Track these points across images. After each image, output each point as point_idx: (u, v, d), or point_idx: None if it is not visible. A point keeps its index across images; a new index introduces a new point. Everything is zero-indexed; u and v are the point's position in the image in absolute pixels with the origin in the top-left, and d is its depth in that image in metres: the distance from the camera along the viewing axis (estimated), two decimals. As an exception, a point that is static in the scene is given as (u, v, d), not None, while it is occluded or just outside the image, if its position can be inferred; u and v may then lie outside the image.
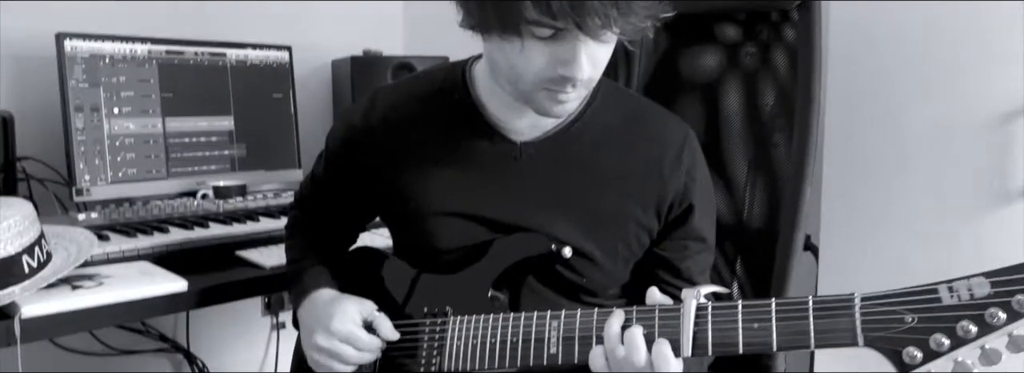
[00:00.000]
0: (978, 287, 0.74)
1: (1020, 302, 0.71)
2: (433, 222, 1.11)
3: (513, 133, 1.09)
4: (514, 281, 1.10)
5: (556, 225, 1.08)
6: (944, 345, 0.74)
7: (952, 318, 0.74)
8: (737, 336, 0.85)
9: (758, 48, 1.40)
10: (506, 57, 0.95)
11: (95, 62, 1.69)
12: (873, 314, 0.77)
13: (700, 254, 1.14)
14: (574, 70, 0.91)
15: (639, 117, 1.14)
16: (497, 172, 1.09)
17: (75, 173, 1.67)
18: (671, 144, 1.11)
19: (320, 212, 1.27)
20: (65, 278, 1.21)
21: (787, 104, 1.34)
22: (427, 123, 1.12)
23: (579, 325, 0.95)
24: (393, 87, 1.19)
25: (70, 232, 1.33)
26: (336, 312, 1.06)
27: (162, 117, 1.80)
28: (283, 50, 1.99)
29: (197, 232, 1.49)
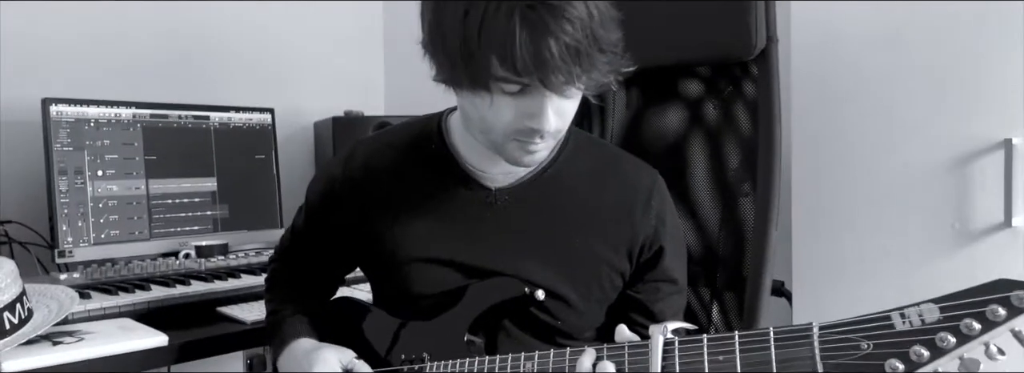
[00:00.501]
0: (928, 313, 0.76)
1: (969, 326, 0.74)
2: (411, 268, 1.13)
3: (488, 180, 1.12)
4: (490, 325, 1.11)
5: (531, 269, 1.10)
6: (898, 369, 0.76)
7: (905, 343, 0.76)
8: (703, 368, 0.86)
9: (720, 102, 1.46)
10: (477, 110, 0.99)
11: (80, 126, 1.73)
12: (831, 342, 0.80)
13: (672, 296, 1.17)
14: (541, 122, 0.96)
15: (609, 163, 1.18)
16: (473, 218, 1.12)
17: (58, 235, 1.68)
18: (641, 189, 1.15)
19: (300, 263, 1.29)
20: (46, 334, 1.22)
21: (751, 155, 1.38)
22: (405, 172, 1.15)
23: (553, 365, 0.97)
24: (372, 139, 1.23)
25: (51, 290, 1.34)
26: (317, 360, 1.07)
27: (146, 179, 1.83)
28: (266, 112, 2.04)
29: (178, 289, 1.50)
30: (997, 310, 0.73)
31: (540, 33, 0.88)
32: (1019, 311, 0.72)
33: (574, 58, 0.89)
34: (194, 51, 2.10)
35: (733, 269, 1.43)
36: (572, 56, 0.89)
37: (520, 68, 0.89)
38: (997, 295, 0.73)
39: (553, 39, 0.88)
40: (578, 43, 0.89)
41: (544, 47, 0.88)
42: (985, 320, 0.73)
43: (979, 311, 0.73)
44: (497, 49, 0.89)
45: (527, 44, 0.88)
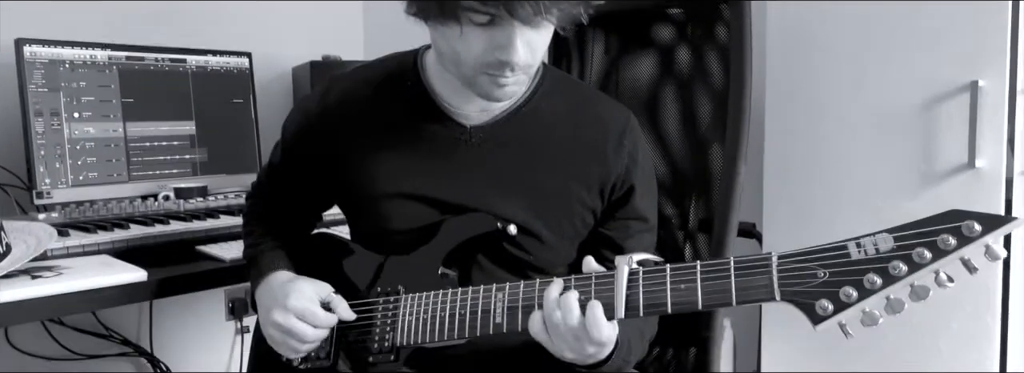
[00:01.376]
0: (883, 242, 0.79)
1: (920, 254, 0.77)
2: (386, 204, 1.15)
3: (463, 117, 1.13)
4: (464, 259, 1.14)
5: (504, 205, 1.12)
6: (852, 296, 0.79)
7: (859, 271, 0.79)
8: (665, 297, 0.89)
9: (693, 47, 1.47)
10: (448, 42, 1.00)
11: (55, 68, 1.72)
12: (788, 271, 0.82)
13: (642, 233, 1.19)
14: (510, 54, 0.96)
15: (584, 102, 1.19)
16: (448, 155, 1.14)
17: (35, 176, 1.69)
18: (614, 128, 1.17)
19: (277, 199, 1.30)
20: (25, 269, 1.24)
21: (723, 102, 1.40)
22: (380, 108, 1.16)
23: (522, 295, 0.99)
24: (348, 74, 1.23)
25: (30, 227, 1.35)
26: (292, 291, 1.09)
27: (123, 121, 1.83)
28: (243, 56, 2.03)
29: (157, 228, 1.52)
30: (948, 239, 0.76)
31: None
32: (969, 240, 0.75)
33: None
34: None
35: (704, 211, 1.47)
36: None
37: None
38: (948, 225, 0.76)
39: None
40: None
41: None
42: (936, 249, 0.76)
43: (931, 240, 0.76)
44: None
45: None
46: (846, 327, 0.80)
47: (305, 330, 1.08)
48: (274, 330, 1.10)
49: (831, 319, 0.80)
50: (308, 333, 1.08)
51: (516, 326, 0.98)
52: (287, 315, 1.08)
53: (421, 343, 1.06)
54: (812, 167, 1.58)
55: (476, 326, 1.02)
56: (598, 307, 0.91)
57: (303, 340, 1.09)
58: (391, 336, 1.09)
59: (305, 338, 1.08)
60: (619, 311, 0.91)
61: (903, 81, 1.44)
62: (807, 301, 0.81)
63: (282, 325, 1.08)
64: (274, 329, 1.10)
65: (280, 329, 1.08)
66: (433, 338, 1.05)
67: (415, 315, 1.07)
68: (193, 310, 2.16)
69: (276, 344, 1.12)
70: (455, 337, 1.04)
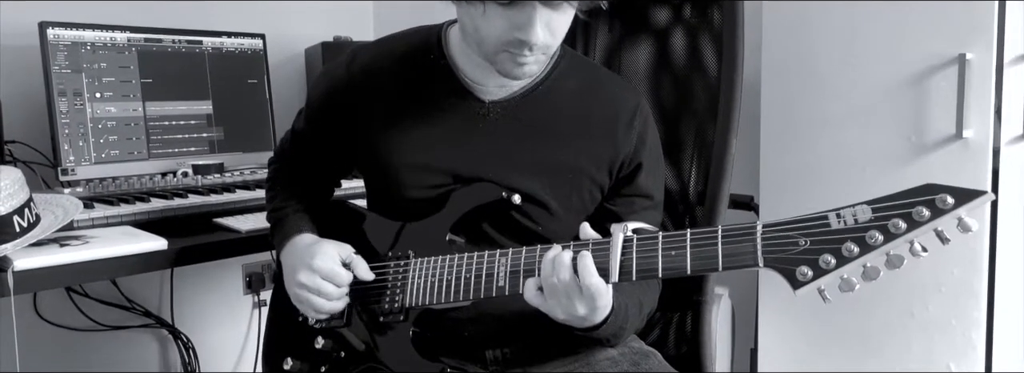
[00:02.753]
0: (861, 213, 0.84)
1: (896, 225, 0.82)
2: (404, 173, 1.20)
3: (483, 93, 1.18)
4: (471, 227, 1.19)
5: (517, 177, 1.17)
6: (830, 263, 0.84)
7: (839, 240, 0.84)
8: (657, 262, 0.95)
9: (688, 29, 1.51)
10: (471, 20, 1.05)
11: (77, 49, 1.78)
12: (772, 239, 0.88)
13: (647, 210, 1.24)
14: (529, 34, 1.01)
15: (598, 83, 1.24)
16: (466, 128, 1.19)
17: (60, 154, 1.76)
18: (625, 109, 1.21)
19: (300, 164, 1.35)
20: (53, 238, 1.31)
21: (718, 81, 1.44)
22: (403, 79, 1.21)
23: (524, 260, 1.05)
24: (373, 44, 1.27)
25: (57, 199, 1.42)
26: (318, 252, 1.15)
27: (143, 101, 1.89)
28: (257, 38, 2.09)
29: (176, 201, 1.59)
30: (922, 211, 0.80)
31: None
32: (942, 212, 0.80)
33: None
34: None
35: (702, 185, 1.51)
36: None
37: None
38: (923, 198, 0.81)
39: None
40: None
41: None
42: (911, 220, 0.81)
43: (906, 212, 0.81)
44: None
45: None
46: (825, 293, 0.85)
47: (330, 289, 1.13)
48: (299, 290, 1.15)
49: (810, 284, 0.85)
50: (332, 292, 1.13)
51: (517, 289, 1.04)
52: (312, 275, 1.13)
53: (428, 304, 1.12)
54: (807, 141, 1.63)
55: (480, 288, 1.07)
56: (588, 256, 0.97)
57: (328, 298, 1.14)
58: (400, 297, 1.14)
59: (330, 297, 1.14)
60: (613, 274, 0.97)
61: (893, 55, 1.48)
62: (788, 267, 0.86)
63: (308, 285, 1.13)
64: (299, 289, 1.14)
65: (306, 288, 1.14)
66: (440, 299, 1.11)
67: (423, 278, 1.13)
68: (212, 284, 2.24)
69: (300, 303, 1.17)
70: (460, 299, 1.09)
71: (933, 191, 0.81)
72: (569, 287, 0.97)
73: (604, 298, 0.98)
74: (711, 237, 0.92)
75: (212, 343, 2.24)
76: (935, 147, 1.45)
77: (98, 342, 2.02)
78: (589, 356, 1.22)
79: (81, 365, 2.01)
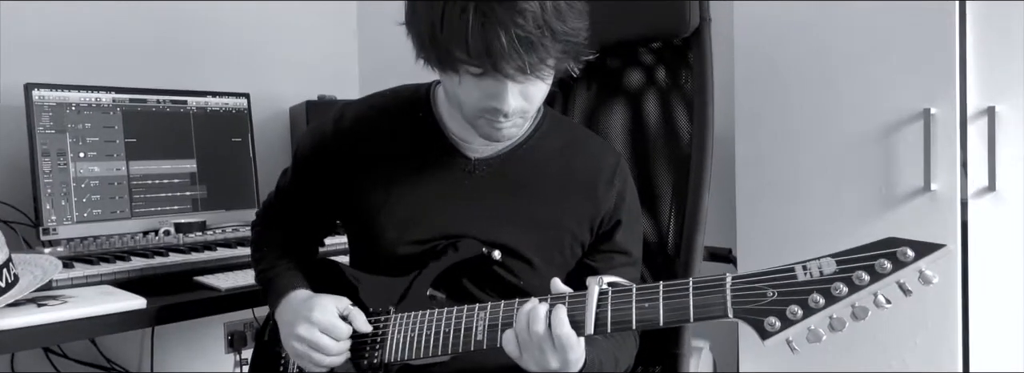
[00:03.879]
0: (826, 266, 0.87)
1: (859, 277, 0.85)
2: (389, 228, 1.22)
3: (469, 150, 1.21)
4: (452, 283, 1.21)
5: (501, 233, 1.19)
6: (797, 314, 0.86)
7: (805, 291, 0.86)
8: (631, 314, 0.96)
9: (660, 92, 1.55)
10: (451, 87, 1.09)
11: (62, 110, 1.80)
12: (741, 290, 0.90)
13: (624, 266, 1.25)
14: (502, 103, 1.04)
15: (579, 143, 1.27)
16: (452, 185, 1.21)
17: (42, 214, 1.76)
18: (606, 167, 1.25)
19: (286, 222, 1.36)
20: (31, 298, 1.31)
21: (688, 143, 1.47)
22: (391, 136, 1.23)
23: (502, 314, 1.06)
24: (361, 101, 1.30)
25: (36, 259, 1.43)
26: (315, 306, 1.15)
27: (126, 160, 1.91)
28: (241, 97, 2.12)
29: (157, 260, 1.59)
30: (884, 264, 0.83)
31: (491, 24, 0.95)
32: (903, 265, 0.83)
33: (526, 47, 0.97)
34: (171, 38, 2.18)
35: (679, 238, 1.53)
36: (524, 46, 0.96)
37: (474, 56, 0.97)
38: (885, 251, 0.84)
39: (503, 30, 0.95)
40: (529, 34, 0.96)
41: (494, 37, 0.95)
42: (873, 272, 0.84)
43: (869, 264, 0.84)
44: (455, 37, 0.97)
45: (478, 34, 0.96)
46: (792, 343, 0.87)
47: (329, 344, 1.12)
48: (298, 344, 1.14)
49: (779, 335, 0.87)
50: (332, 347, 1.13)
51: (495, 343, 1.05)
52: (312, 329, 1.12)
53: (407, 359, 1.12)
54: (781, 194, 1.66)
55: (459, 343, 1.08)
56: (562, 309, 0.98)
57: (327, 353, 1.13)
58: (379, 353, 1.15)
59: (329, 351, 1.13)
60: (588, 326, 0.98)
61: (862, 109, 1.52)
62: (757, 318, 0.88)
63: (307, 339, 1.12)
64: (299, 343, 1.14)
65: (305, 343, 1.13)
66: (418, 354, 1.11)
67: (403, 333, 1.13)
68: (193, 343, 2.22)
69: (300, 358, 1.16)
70: (439, 353, 1.10)
71: (894, 244, 0.84)
72: (542, 339, 0.98)
73: (576, 351, 0.99)
74: (683, 289, 0.94)
75: (192, 403, 2.22)
76: (905, 199, 1.48)
77: (76, 403, 1.99)
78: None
79: (58, 427, 1.97)
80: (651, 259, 1.53)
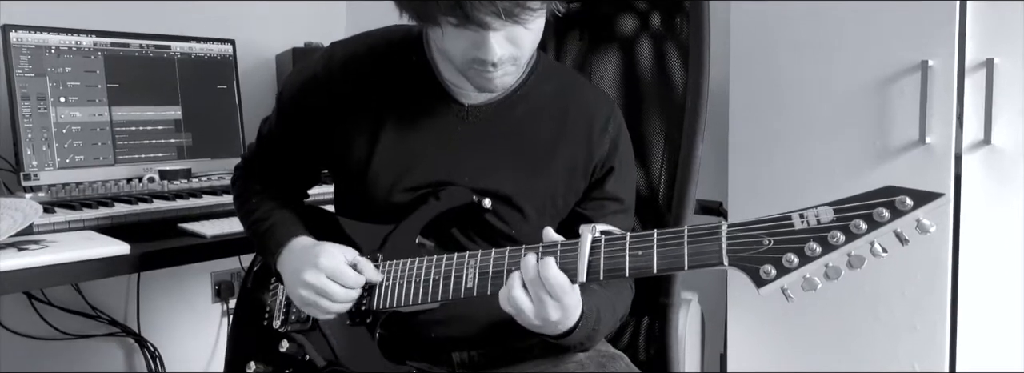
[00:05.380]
0: (824, 214, 0.85)
1: (857, 225, 0.83)
2: (381, 175, 1.18)
3: (463, 96, 1.18)
4: (441, 231, 1.19)
5: (493, 181, 1.17)
6: (793, 262, 0.85)
7: (801, 240, 0.85)
8: (624, 262, 0.95)
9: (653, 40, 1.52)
10: (437, 39, 1.06)
11: (41, 53, 1.76)
12: (737, 238, 0.89)
13: (617, 214, 1.24)
14: (486, 53, 1.01)
15: (573, 89, 1.24)
16: (444, 131, 1.18)
17: (23, 159, 1.73)
18: (600, 115, 1.22)
19: (272, 168, 1.32)
20: (12, 242, 1.29)
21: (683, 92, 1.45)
22: (383, 78, 1.19)
23: (493, 262, 1.04)
24: (350, 41, 1.24)
25: (16, 203, 1.40)
26: (322, 252, 1.11)
27: (109, 106, 1.87)
28: (226, 43, 2.07)
29: (141, 206, 1.56)
30: (882, 212, 0.82)
31: None
32: (901, 213, 0.82)
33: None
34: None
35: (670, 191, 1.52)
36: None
37: (446, 7, 0.94)
38: (883, 199, 0.82)
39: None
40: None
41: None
42: (871, 221, 0.82)
43: (867, 213, 0.82)
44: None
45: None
46: (787, 291, 0.86)
47: (337, 290, 1.09)
48: (305, 291, 1.11)
49: (774, 283, 0.86)
50: (339, 293, 1.09)
51: (486, 290, 1.03)
52: (319, 274, 1.09)
53: (396, 307, 1.11)
54: (774, 146, 1.64)
55: (449, 290, 1.06)
56: (551, 259, 0.97)
57: (335, 299, 1.10)
58: (368, 300, 1.13)
59: (336, 297, 1.10)
60: (581, 274, 0.97)
61: (858, 61, 1.50)
62: (752, 266, 0.87)
63: (315, 285, 1.09)
64: (305, 289, 1.10)
65: (313, 289, 1.10)
66: (407, 302, 1.10)
67: (391, 280, 1.12)
68: (179, 292, 2.21)
69: (306, 305, 1.13)
70: (428, 301, 1.08)
71: (893, 193, 0.82)
72: (536, 287, 0.97)
73: (571, 296, 0.98)
74: (677, 237, 0.93)
75: (179, 352, 2.21)
76: (899, 152, 1.46)
77: (61, 351, 1.98)
78: (556, 359, 1.21)
79: (43, 375, 1.97)
80: (641, 212, 1.52)
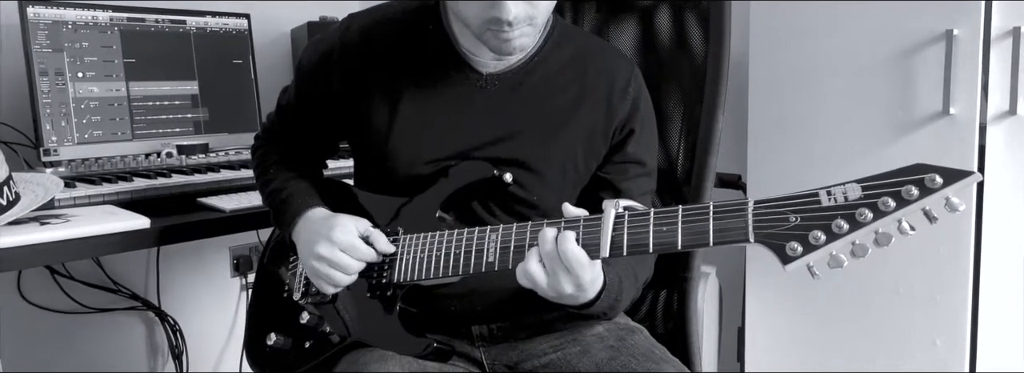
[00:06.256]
0: (851, 191, 0.84)
1: (885, 203, 0.82)
2: (400, 147, 1.18)
3: (481, 65, 1.17)
4: (461, 205, 1.19)
5: (514, 148, 1.17)
6: (820, 239, 0.84)
7: (829, 217, 0.84)
8: (648, 238, 0.94)
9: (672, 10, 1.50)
10: (453, 5, 1.05)
11: (58, 28, 1.76)
12: (763, 215, 0.88)
13: (639, 177, 1.24)
14: (501, 12, 1.00)
15: (591, 52, 1.23)
16: (463, 101, 1.18)
17: (42, 134, 1.74)
18: (620, 76, 1.21)
19: (290, 140, 1.32)
20: (33, 216, 1.30)
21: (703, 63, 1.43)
22: (401, 49, 1.19)
23: (515, 236, 1.04)
24: (367, 13, 1.24)
25: (37, 177, 1.41)
26: (336, 225, 1.12)
27: (126, 81, 1.87)
28: (242, 17, 2.07)
29: (160, 181, 1.57)
30: (911, 190, 0.81)
31: None
32: (930, 191, 0.81)
33: None
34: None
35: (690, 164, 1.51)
36: None
37: None
38: (913, 177, 0.81)
39: None
40: None
41: None
42: (900, 199, 0.81)
43: (895, 190, 0.81)
44: None
45: None
46: (813, 268, 0.85)
47: (350, 262, 1.10)
48: (318, 263, 1.11)
49: (800, 260, 0.85)
50: (353, 266, 1.10)
51: (507, 265, 1.03)
52: (332, 247, 1.10)
53: (417, 280, 1.11)
54: (794, 119, 1.63)
55: (470, 264, 1.06)
56: (570, 233, 0.96)
57: (347, 272, 1.11)
58: (388, 273, 1.13)
59: (350, 270, 1.10)
60: (604, 250, 0.96)
61: (881, 31, 1.48)
62: (778, 243, 0.86)
63: (327, 257, 1.10)
64: (318, 262, 1.11)
65: (325, 261, 1.10)
66: (428, 275, 1.10)
67: (412, 254, 1.12)
68: (199, 267, 2.23)
69: (318, 277, 1.14)
70: (449, 274, 1.08)
71: (922, 171, 0.81)
72: (552, 260, 0.96)
73: (588, 271, 0.97)
74: (703, 213, 0.92)
75: (199, 326, 2.23)
76: (922, 123, 1.45)
77: (83, 325, 2.01)
78: (575, 332, 1.21)
79: (66, 348, 1.99)
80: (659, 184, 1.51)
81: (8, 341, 1.87)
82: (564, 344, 1.20)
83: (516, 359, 1.21)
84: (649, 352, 1.17)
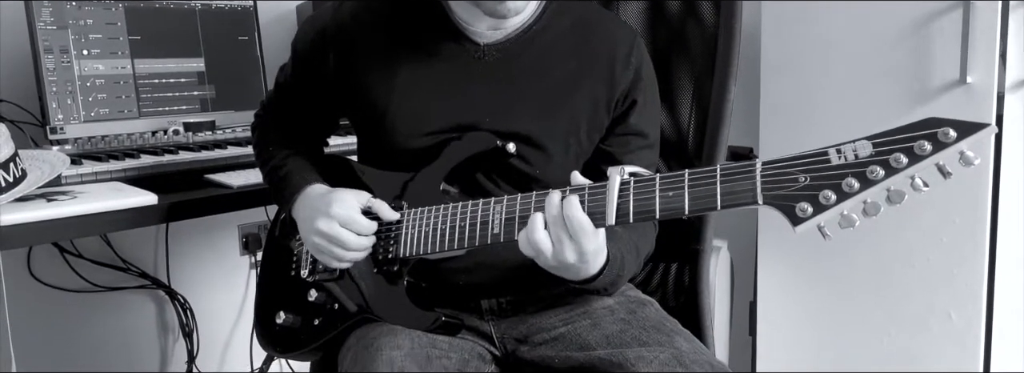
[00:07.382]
0: (862, 148, 0.82)
1: (897, 159, 0.80)
2: (399, 120, 1.17)
3: (477, 36, 1.16)
4: (465, 177, 1.17)
5: (514, 120, 1.15)
6: (831, 199, 0.82)
7: (839, 176, 0.82)
8: (654, 204, 0.92)
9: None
10: None
11: (62, 6, 1.74)
12: (772, 176, 0.86)
13: (642, 150, 1.22)
14: None
15: (591, 21, 1.21)
16: (461, 72, 1.16)
17: (48, 112, 1.72)
18: (621, 45, 1.19)
19: (289, 118, 1.32)
20: (41, 193, 1.29)
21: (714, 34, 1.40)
22: (395, 22, 1.18)
23: (519, 207, 1.03)
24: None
25: (44, 154, 1.40)
26: (334, 200, 1.11)
27: (131, 59, 1.86)
28: (246, -6, 2.05)
29: (167, 157, 1.57)
30: (924, 145, 0.78)
31: None
32: (944, 145, 0.78)
33: None
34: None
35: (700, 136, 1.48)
36: None
37: None
38: (925, 131, 0.78)
39: None
40: None
41: None
42: (912, 154, 0.78)
43: (908, 146, 0.79)
44: None
45: None
46: (824, 229, 0.83)
47: (349, 237, 1.09)
48: (318, 239, 1.11)
49: (810, 221, 0.83)
50: (351, 240, 1.09)
51: (512, 235, 1.02)
52: (331, 222, 1.09)
53: (423, 254, 1.11)
54: (808, 91, 1.60)
55: (475, 237, 1.05)
56: (575, 197, 0.95)
57: (348, 248, 1.10)
58: (395, 248, 1.13)
59: (350, 245, 1.10)
60: (610, 217, 0.94)
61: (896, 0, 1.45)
62: (788, 204, 0.83)
63: (326, 233, 1.09)
64: (319, 237, 1.11)
65: (325, 237, 1.10)
66: (434, 249, 1.09)
67: (417, 228, 1.11)
68: (208, 245, 2.22)
69: (320, 253, 1.13)
70: (455, 247, 1.08)
71: (935, 125, 0.79)
72: (557, 226, 0.94)
73: (592, 241, 0.95)
74: (710, 176, 0.90)
75: (209, 304, 2.23)
76: (938, 93, 1.42)
77: (93, 303, 2.01)
78: (585, 305, 1.20)
79: (75, 326, 2.00)
80: (669, 157, 1.49)
81: (19, 320, 1.87)
82: (574, 317, 1.19)
83: (526, 333, 1.20)
84: (660, 325, 1.16)
